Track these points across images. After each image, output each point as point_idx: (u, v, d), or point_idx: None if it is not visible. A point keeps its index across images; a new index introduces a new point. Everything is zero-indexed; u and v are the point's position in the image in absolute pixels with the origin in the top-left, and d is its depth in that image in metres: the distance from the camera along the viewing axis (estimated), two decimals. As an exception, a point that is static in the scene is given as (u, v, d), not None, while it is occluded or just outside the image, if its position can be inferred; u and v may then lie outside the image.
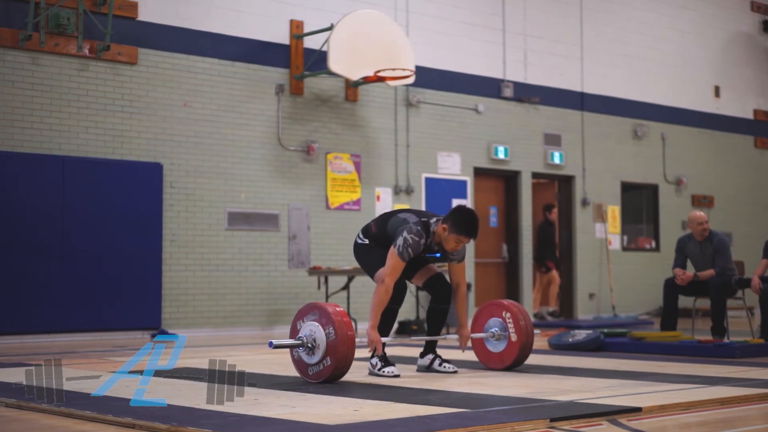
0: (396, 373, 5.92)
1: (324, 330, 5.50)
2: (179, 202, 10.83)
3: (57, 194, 9.96)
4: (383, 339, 5.93)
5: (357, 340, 5.60)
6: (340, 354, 5.44)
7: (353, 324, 5.67)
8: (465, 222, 5.93)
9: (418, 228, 5.91)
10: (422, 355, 6.30)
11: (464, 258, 6.21)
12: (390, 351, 7.46)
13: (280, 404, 4.63)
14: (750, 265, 9.82)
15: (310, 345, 5.55)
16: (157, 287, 10.51)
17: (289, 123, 11.71)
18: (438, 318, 6.23)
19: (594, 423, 4.15)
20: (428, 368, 6.21)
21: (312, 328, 5.56)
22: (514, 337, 6.31)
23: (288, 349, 5.77)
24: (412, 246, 5.86)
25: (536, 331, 6.52)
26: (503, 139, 13.70)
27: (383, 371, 5.93)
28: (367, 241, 6.17)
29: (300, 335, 5.61)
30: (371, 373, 6.01)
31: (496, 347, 6.40)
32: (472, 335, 6.39)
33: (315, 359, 5.55)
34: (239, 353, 8.03)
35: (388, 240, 6.01)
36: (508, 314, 6.36)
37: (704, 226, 8.86)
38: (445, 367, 6.17)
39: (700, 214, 8.97)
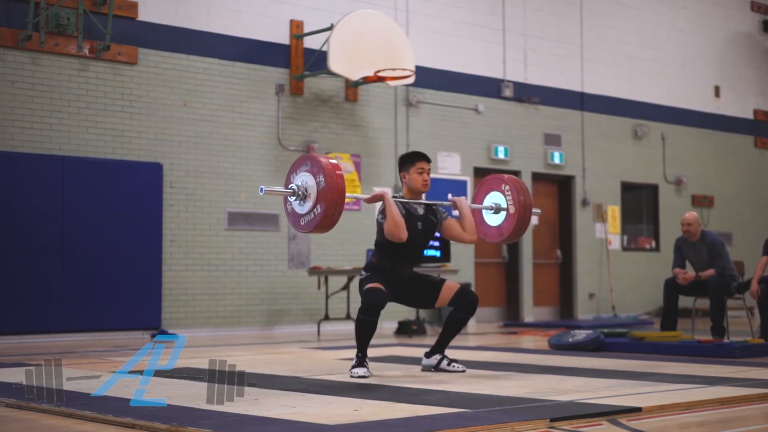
0: (362, 374, 5.79)
1: (315, 179, 5.48)
2: (179, 202, 10.83)
3: (57, 194, 9.96)
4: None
5: (364, 197, 5.65)
6: (330, 201, 5.40)
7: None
8: (408, 154, 6.13)
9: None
10: (428, 354, 6.23)
11: (447, 215, 6.18)
12: (390, 351, 7.47)
13: (280, 404, 4.63)
14: (750, 266, 9.82)
15: (301, 193, 5.53)
16: (157, 287, 10.51)
17: (289, 123, 11.71)
18: (457, 325, 6.13)
19: (594, 423, 4.15)
20: (436, 368, 6.17)
21: (304, 179, 5.56)
22: (512, 209, 6.28)
23: (284, 208, 5.75)
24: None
25: (536, 210, 6.45)
26: (503, 139, 13.70)
27: (351, 372, 5.85)
28: (365, 274, 6.08)
29: (291, 185, 5.61)
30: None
31: (494, 221, 6.38)
32: (471, 205, 6.33)
33: (306, 208, 5.51)
34: (239, 353, 8.03)
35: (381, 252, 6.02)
36: (507, 187, 6.33)
37: (685, 228, 8.88)
38: (454, 366, 6.12)
39: (687, 215, 8.98)
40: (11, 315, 9.62)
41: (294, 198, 5.56)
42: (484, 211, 6.40)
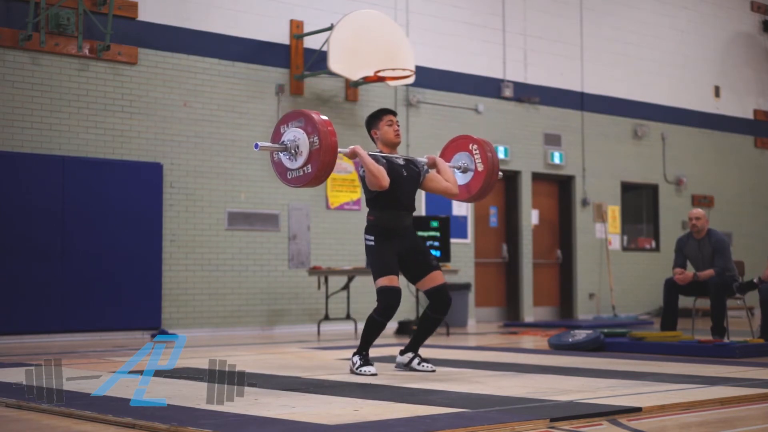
0: (373, 372, 5.92)
1: (309, 138, 5.56)
2: (179, 202, 10.83)
3: (57, 194, 9.96)
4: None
5: (339, 150, 5.68)
6: (323, 162, 5.52)
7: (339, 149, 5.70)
8: (373, 113, 6.24)
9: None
10: (402, 352, 6.31)
11: (427, 169, 6.29)
12: (390, 351, 7.47)
13: (280, 404, 4.63)
14: (750, 266, 9.83)
15: (293, 150, 5.61)
16: (157, 287, 10.51)
17: (289, 123, 11.69)
18: (431, 325, 6.23)
19: (594, 423, 4.16)
20: (407, 366, 6.23)
21: (297, 135, 5.61)
22: (480, 167, 6.45)
23: (270, 156, 5.82)
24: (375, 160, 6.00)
25: (500, 172, 6.60)
26: (503, 139, 13.70)
27: (361, 370, 5.95)
28: (371, 240, 6.11)
29: (284, 140, 5.66)
30: (351, 372, 6.02)
31: (462, 179, 6.52)
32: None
33: (296, 165, 5.62)
34: (239, 353, 8.03)
35: (372, 202, 6.10)
36: (475, 146, 6.52)
37: (693, 222, 8.88)
38: (423, 366, 6.19)
39: (694, 210, 9.01)
40: (11, 315, 9.62)
41: (284, 153, 5.66)
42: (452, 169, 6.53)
